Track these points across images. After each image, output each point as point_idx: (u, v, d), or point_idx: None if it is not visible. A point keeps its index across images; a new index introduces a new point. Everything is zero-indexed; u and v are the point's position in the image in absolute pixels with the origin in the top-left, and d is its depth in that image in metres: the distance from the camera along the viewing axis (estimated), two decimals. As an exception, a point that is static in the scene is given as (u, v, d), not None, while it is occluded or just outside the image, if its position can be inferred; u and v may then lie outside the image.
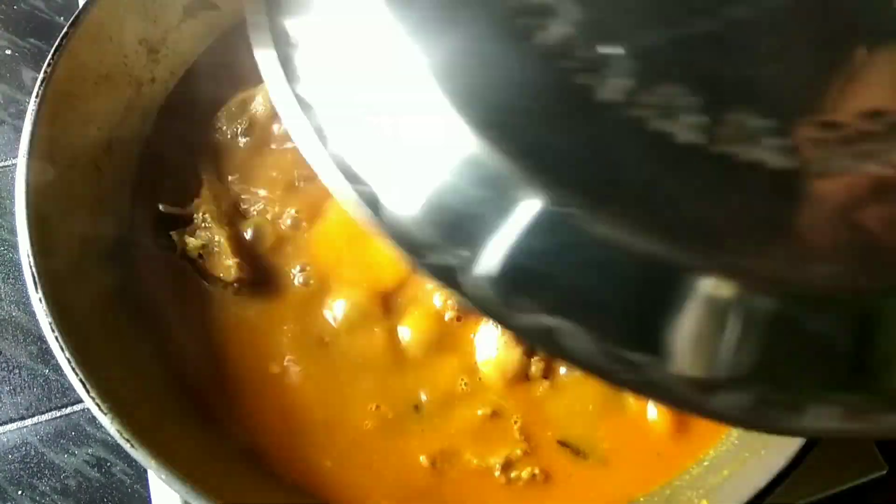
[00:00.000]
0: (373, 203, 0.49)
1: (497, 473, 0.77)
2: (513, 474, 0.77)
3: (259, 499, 0.73)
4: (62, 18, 1.22)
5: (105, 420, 0.64)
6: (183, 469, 0.64)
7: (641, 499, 0.78)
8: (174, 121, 0.94)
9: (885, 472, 0.92)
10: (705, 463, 0.79)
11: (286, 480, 0.75)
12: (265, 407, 0.79)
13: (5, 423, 0.94)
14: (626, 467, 0.79)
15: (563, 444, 0.79)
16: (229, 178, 0.91)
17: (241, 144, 0.92)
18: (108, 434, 0.65)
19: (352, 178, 0.49)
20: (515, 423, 0.79)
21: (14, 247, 1.03)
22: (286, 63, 0.54)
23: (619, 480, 0.79)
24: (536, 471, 0.77)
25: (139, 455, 0.63)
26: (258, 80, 0.96)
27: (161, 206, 0.86)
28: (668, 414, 0.81)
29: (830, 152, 0.47)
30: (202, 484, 0.64)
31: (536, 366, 0.81)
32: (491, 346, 0.81)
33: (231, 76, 0.97)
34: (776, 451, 0.73)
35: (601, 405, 0.81)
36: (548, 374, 0.81)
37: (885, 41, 0.51)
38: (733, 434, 0.81)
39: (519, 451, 0.78)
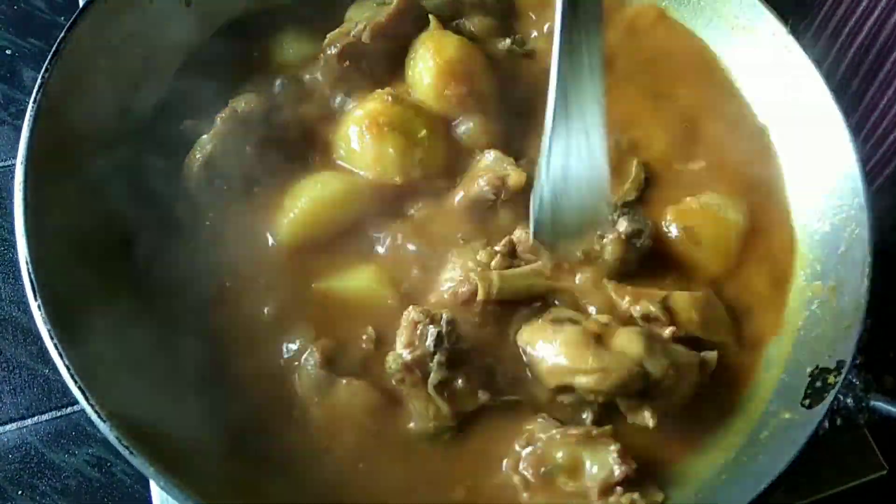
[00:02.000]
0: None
1: None
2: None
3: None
4: (62, 18, 1.21)
5: (104, 427, 0.64)
6: (182, 476, 0.64)
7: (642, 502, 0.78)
8: (173, 119, 0.94)
9: (885, 472, 0.92)
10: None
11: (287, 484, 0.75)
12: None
13: (5, 423, 0.94)
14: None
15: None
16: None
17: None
18: (109, 434, 0.65)
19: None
20: None
21: (14, 247, 1.03)
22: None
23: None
24: None
25: (138, 462, 0.63)
26: (256, 76, 0.97)
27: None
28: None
29: None
30: (201, 491, 0.64)
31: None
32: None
33: (230, 72, 0.97)
34: (774, 457, 0.73)
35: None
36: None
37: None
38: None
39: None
